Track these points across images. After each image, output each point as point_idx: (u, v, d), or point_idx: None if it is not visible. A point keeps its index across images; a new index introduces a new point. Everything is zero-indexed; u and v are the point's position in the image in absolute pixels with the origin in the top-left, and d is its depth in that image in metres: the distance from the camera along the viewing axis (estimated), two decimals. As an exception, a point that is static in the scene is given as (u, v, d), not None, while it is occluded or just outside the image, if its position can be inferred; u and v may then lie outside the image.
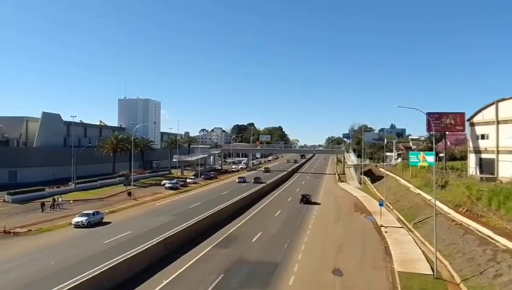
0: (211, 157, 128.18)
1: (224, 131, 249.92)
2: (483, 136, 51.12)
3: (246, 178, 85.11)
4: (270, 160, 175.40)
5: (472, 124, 53.37)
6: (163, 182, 73.82)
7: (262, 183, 75.81)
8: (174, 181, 73.55)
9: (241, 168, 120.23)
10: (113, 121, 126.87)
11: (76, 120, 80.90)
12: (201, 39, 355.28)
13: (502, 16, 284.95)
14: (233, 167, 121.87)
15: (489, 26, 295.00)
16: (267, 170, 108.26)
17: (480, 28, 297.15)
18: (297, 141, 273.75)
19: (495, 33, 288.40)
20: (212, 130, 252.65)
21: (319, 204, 55.06)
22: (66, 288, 18.81)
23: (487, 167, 49.16)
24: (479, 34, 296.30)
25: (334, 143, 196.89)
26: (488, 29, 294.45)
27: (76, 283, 19.40)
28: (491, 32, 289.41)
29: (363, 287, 22.44)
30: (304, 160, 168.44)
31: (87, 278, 20.13)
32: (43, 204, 46.13)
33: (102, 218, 39.95)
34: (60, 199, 49.26)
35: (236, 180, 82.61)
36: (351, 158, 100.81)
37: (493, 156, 48.17)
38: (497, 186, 36.82)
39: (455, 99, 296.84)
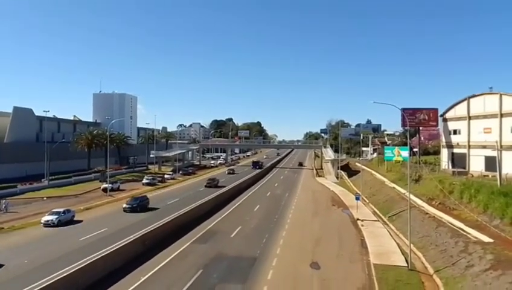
0: (189, 152, 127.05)
1: (202, 126, 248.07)
2: (455, 132, 52.72)
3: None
4: (249, 155, 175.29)
5: (445, 120, 54.92)
6: (103, 186, 58.40)
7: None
8: (115, 184, 60.46)
9: (220, 163, 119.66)
10: (88, 116, 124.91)
11: (50, 115, 78.51)
12: (178, 36, 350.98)
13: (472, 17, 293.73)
14: (212, 162, 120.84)
15: (461, 27, 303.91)
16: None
17: (453, 28, 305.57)
18: (276, 136, 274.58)
19: (466, 33, 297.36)
20: (191, 126, 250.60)
21: (306, 166, 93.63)
22: (41, 286, 18.38)
23: (459, 161, 50.77)
24: (451, 33, 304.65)
25: (312, 138, 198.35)
26: (460, 29, 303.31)
27: (51, 281, 19.00)
28: (463, 32, 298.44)
29: (340, 279, 22.83)
30: (258, 170, 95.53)
31: (62, 276, 19.70)
32: None
33: (74, 216, 38.61)
34: (5, 200, 45.06)
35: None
36: (329, 153, 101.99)
37: (465, 150, 49.76)
38: (468, 180, 38.07)
39: (429, 94, 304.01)
